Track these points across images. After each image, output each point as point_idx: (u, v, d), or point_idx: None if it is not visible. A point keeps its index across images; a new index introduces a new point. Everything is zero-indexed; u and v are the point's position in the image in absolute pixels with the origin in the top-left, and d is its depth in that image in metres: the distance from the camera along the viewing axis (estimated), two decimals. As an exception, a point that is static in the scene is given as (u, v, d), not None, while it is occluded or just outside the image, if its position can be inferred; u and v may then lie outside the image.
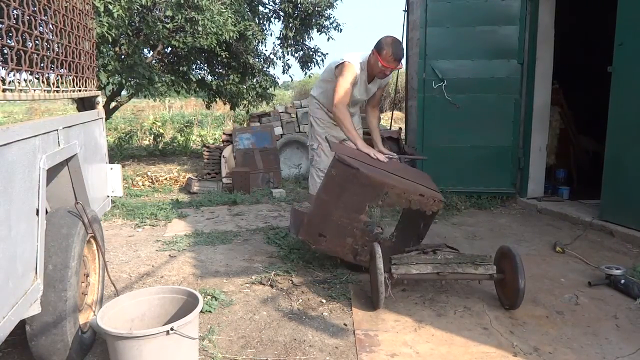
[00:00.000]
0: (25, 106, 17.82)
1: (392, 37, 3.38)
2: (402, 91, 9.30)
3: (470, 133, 4.99)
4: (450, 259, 2.68)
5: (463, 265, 2.66)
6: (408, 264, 2.66)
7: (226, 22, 6.64)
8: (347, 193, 2.86)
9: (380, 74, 3.45)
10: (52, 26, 2.43)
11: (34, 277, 1.80)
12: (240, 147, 6.26)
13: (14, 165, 1.67)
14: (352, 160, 2.87)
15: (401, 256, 2.73)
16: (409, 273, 2.65)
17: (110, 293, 2.74)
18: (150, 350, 1.89)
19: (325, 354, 2.27)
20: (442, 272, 2.64)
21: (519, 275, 2.53)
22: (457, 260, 2.69)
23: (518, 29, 4.84)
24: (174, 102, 19.17)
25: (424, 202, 2.90)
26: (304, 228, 3.04)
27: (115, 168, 3.31)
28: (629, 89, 3.84)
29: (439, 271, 2.64)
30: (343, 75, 3.42)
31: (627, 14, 3.85)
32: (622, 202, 3.96)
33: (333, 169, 2.91)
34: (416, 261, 2.68)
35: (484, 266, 2.66)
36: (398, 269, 2.64)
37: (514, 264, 2.58)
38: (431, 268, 2.66)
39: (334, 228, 2.95)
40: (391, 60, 3.32)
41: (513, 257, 2.61)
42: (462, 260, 2.69)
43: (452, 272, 2.64)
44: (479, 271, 2.65)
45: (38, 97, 2.15)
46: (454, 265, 2.65)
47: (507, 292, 2.67)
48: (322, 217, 2.96)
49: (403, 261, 2.68)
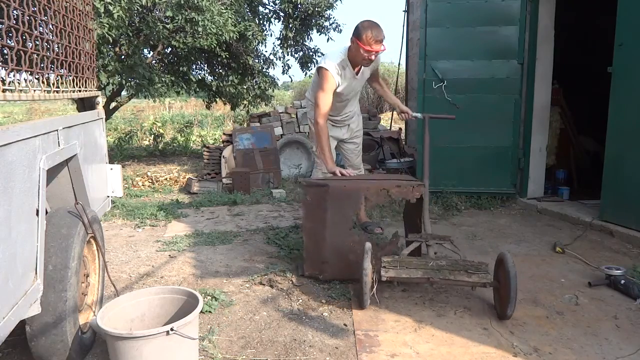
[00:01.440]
0: (25, 106, 17.83)
1: (368, 21, 3.32)
2: (402, 91, 9.30)
3: (470, 133, 4.99)
4: (442, 266, 2.61)
5: (455, 272, 2.59)
6: (398, 268, 2.61)
7: (226, 22, 6.64)
8: (329, 212, 2.90)
9: (365, 61, 3.35)
10: (52, 26, 2.43)
11: (34, 278, 1.80)
12: (240, 147, 6.26)
13: (13, 166, 1.67)
14: (320, 180, 2.94)
15: (393, 259, 2.68)
16: (398, 277, 2.61)
17: (110, 293, 2.74)
18: (150, 351, 1.89)
19: (325, 354, 2.27)
20: (433, 278, 2.58)
21: (510, 288, 2.43)
22: (450, 267, 2.62)
23: (518, 29, 4.84)
24: (174, 103, 19.19)
25: (404, 192, 2.93)
26: (305, 264, 3.07)
27: (115, 168, 3.31)
28: (629, 89, 3.84)
29: (429, 277, 2.58)
30: (322, 88, 3.39)
31: (627, 15, 3.85)
32: (622, 202, 3.96)
33: (307, 196, 2.97)
34: (407, 265, 2.63)
35: (478, 274, 2.57)
36: (388, 272, 2.60)
37: (507, 276, 2.47)
38: (422, 273, 2.60)
39: (331, 251, 2.95)
40: (373, 42, 3.24)
41: (507, 269, 2.48)
42: (455, 267, 2.62)
43: (443, 279, 2.59)
44: (472, 279, 2.58)
45: (38, 98, 2.15)
46: (446, 272, 2.59)
47: (500, 301, 2.59)
48: (316, 244, 2.98)
49: (393, 264, 2.63)
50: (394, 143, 7.16)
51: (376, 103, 16.19)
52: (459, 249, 3.02)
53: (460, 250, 3.05)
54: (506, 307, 2.48)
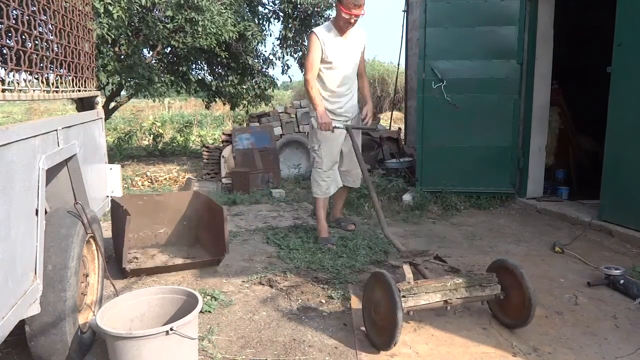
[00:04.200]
0: (25, 106, 17.81)
1: None
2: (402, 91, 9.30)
3: (469, 133, 4.99)
4: (459, 284, 2.39)
5: (471, 289, 2.41)
6: (417, 295, 2.30)
7: (226, 22, 6.64)
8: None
9: (346, 23, 3.61)
10: (51, 26, 2.43)
11: (34, 277, 1.80)
12: (240, 147, 6.26)
13: (13, 166, 1.67)
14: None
15: (410, 286, 2.31)
16: (417, 305, 2.30)
17: (109, 293, 2.74)
18: (149, 351, 1.89)
19: (324, 354, 2.27)
20: (451, 300, 2.35)
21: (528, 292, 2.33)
22: (466, 284, 2.40)
23: (517, 29, 4.84)
24: (173, 103, 19.19)
25: None
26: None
27: (114, 168, 3.31)
28: (628, 89, 3.85)
29: (447, 299, 2.35)
30: (309, 50, 3.76)
31: (626, 15, 3.86)
32: (621, 202, 3.96)
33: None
34: (425, 290, 2.32)
35: (490, 287, 2.44)
36: (407, 302, 2.25)
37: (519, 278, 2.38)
38: (440, 296, 2.35)
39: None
40: (352, 6, 3.49)
41: (516, 270, 2.40)
42: (470, 283, 2.41)
43: (460, 298, 2.37)
44: (485, 292, 2.43)
45: (37, 98, 2.15)
46: (462, 291, 2.38)
47: (511, 309, 2.46)
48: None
49: (412, 292, 2.29)
50: (393, 143, 7.16)
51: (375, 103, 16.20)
52: (445, 261, 2.83)
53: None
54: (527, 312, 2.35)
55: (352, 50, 3.79)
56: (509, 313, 2.50)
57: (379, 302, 2.28)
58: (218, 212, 3.33)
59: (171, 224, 3.86)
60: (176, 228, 3.86)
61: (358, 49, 3.83)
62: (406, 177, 5.81)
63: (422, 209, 4.77)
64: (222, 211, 3.26)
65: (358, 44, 3.82)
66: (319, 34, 3.65)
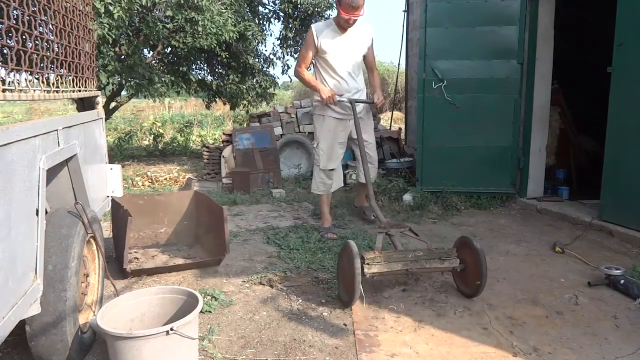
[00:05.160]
0: (25, 106, 17.83)
1: None
2: (402, 91, 9.30)
3: (470, 133, 4.99)
4: (420, 256, 2.78)
5: (430, 261, 2.78)
6: (380, 263, 2.71)
7: (226, 22, 6.64)
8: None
9: (346, 23, 3.71)
10: (52, 26, 2.44)
11: (34, 277, 1.80)
12: (240, 147, 6.26)
13: (13, 166, 1.67)
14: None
15: (375, 255, 2.74)
16: (380, 272, 2.72)
17: (110, 293, 2.74)
18: (149, 351, 1.90)
19: (325, 354, 2.28)
20: (411, 269, 2.75)
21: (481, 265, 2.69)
22: (426, 257, 2.79)
23: (518, 29, 4.84)
24: (173, 103, 19.18)
25: None
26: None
27: (115, 168, 3.31)
28: (629, 89, 3.84)
29: (408, 268, 2.75)
30: (303, 44, 3.96)
31: (627, 15, 3.85)
32: (621, 202, 3.96)
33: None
34: (388, 260, 2.73)
35: (449, 260, 2.80)
36: (371, 269, 2.68)
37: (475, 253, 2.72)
38: (401, 265, 2.75)
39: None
40: (348, 8, 3.60)
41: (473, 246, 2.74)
42: (430, 256, 2.79)
43: (420, 268, 2.77)
44: (444, 265, 2.80)
45: (38, 98, 2.15)
46: (423, 262, 2.77)
47: (468, 280, 2.82)
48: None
49: (376, 261, 2.71)
50: (393, 143, 7.15)
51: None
52: (418, 234, 3.13)
53: (420, 235, 3.16)
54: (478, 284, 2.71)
55: (352, 43, 3.84)
56: (466, 283, 2.86)
57: (346, 267, 2.69)
58: (218, 212, 3.33)
59: (171, 224, 3.86)
60: (176, 228, 3.87)
61: (360, 43, 3.87)
62: (406, 177, 5.81)
63: (423, 209, 4.77)
64: (222, 211, 3.26)
65: (360, 38, 3.87)
66: (315, 28, 3.81)
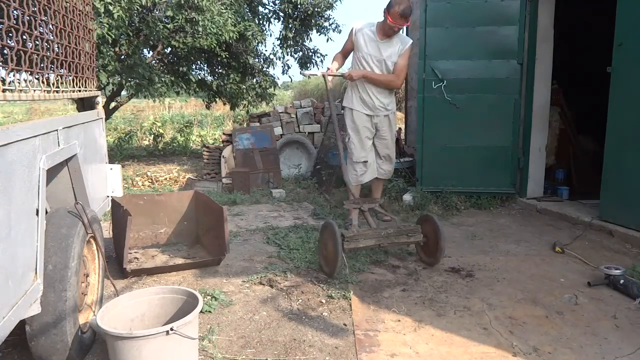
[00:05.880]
0: (25, 106, 17.84)
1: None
2: (402, 91, 9.30)
3: (470, 133, 4.99)
4: (390, 233, 3.19)
5: (399, 236, 3.22)
6: (357, 240, 3.12)
7: (226, 22, 6.64)
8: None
9: (390, 30, 3.84)
10: (52, 26, 2.44)
11: (34, 277, 1.80)
12: (240, 147, 6.26)
13: (13, 166, 1.67)
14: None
15: (353, 234, 3.12)
16: (357, 247, 3.15)
17: (110, 293, 2.74)
18: (150, 351, 1.90)
19: (325, 354, 2.28)
20: (383, 244, 3.17)
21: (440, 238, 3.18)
22: (395, 233, 3.20)
23: (517, 29, 4.84)
24: (173, 103, 19.18)
25: None
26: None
27: (115, 168, 3.31)
28: (629, 89, 3.84)
29: (380, 243, 3.16)
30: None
31: (627, 15, 3.85)
32: (621, 202, 3.96)
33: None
34: (364, 237, 3.13)
35: (414, 235, 3.24)
36: (350, 245, 3.08)
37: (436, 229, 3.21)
38: (375, 241, 3.16)
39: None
40: (397, 17, 3.74)
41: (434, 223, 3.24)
42: (398, 233, 3.22)
43: (390, 243, 3.20)
44: (410, 239, 3.24)
45: (38, 98, 2.15)
46: (392, 238, 3.19)
47: (430, 252, 3.31)
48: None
49: (354, 238, 3.11)
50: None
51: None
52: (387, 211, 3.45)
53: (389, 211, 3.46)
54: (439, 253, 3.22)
55: (384, 48, 3.96)
56: (427, 254, 3.35)
57: (327, 242, 3.13)
58: (218, 212, 3.34)
59: (171, 224, 3.86)
60: (176, 228, 3.87)
61: (392, 50, 3.98)
62: (406, 177, 5.81)
63: (423, 209, 4.77)
64: (222, 211, 3.26)
65: (394, 47, 3.98)
66: (356, 25, 4.02)
